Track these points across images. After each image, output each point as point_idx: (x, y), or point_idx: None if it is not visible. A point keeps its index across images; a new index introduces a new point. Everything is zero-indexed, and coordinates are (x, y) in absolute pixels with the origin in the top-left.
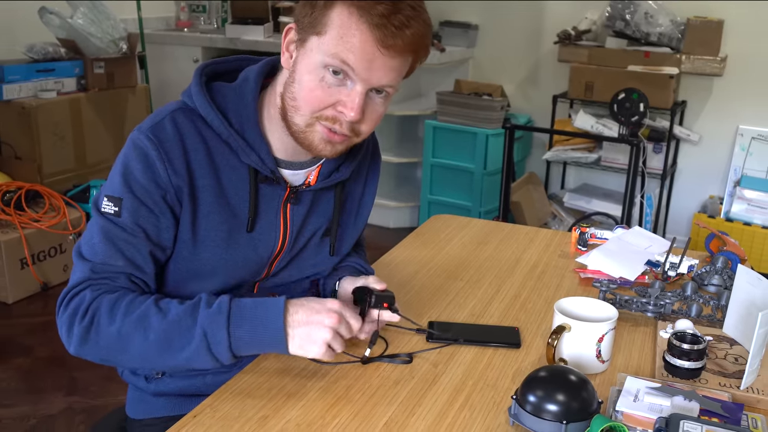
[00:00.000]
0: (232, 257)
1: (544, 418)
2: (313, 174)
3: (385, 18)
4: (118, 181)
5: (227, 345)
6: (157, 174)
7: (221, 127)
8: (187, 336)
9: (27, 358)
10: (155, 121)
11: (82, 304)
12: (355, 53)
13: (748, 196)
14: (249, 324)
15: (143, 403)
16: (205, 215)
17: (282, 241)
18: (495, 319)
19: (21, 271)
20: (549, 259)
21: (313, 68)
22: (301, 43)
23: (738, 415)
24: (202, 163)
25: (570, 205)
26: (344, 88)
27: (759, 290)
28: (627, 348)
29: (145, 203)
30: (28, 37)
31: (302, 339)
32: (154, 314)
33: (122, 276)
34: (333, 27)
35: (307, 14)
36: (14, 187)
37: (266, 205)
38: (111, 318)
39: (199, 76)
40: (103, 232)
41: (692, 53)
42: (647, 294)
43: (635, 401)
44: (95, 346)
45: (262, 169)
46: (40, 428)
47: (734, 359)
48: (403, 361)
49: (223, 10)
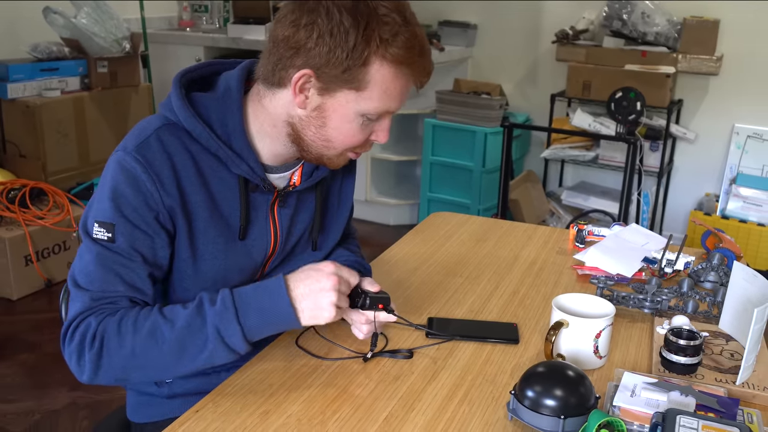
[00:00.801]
0: (231, 266)
1: (542, 413)
2: (297, 175)
3: (417, 54)
4: (108, 206)
5: (241, 336)
6: (148, 196)
7: (209, 141)
8: (201, 337)
9: (31, 354)
10: (140, 141)
11: (88, 332)
12: (397, 99)
13: (743, 194)
14: (256, 311)
15: (152, 407)
16: (202, 231)
17: (274, 244)
18: (494, 315)
19: (25, 268)
20: (547, 256)
21: (351, 118)
22: (327, 91)
23: (734, 410)
24: (192, 179)
25: (568, 202)
26: (378, 122)
27: (754, 287)
28: (624, 344)
29: (138, 226)
30: (32, 36)
31: (311, 309)
32: (163, 324)
33: (123, 299)
34: (375, 84)
35: (335, 68)
36: (19, 185)
37: (256, 212)
38: (120, 339)
39: (179, 87)
40: (99, 259)
41: (688, 52)
42: (644, 290)
43: (632, 396)
44: (109, 369)
45: (252, 178)
46: (44, 423)
47: (730, 355)
48: (404, 356)
49: (225, 9)
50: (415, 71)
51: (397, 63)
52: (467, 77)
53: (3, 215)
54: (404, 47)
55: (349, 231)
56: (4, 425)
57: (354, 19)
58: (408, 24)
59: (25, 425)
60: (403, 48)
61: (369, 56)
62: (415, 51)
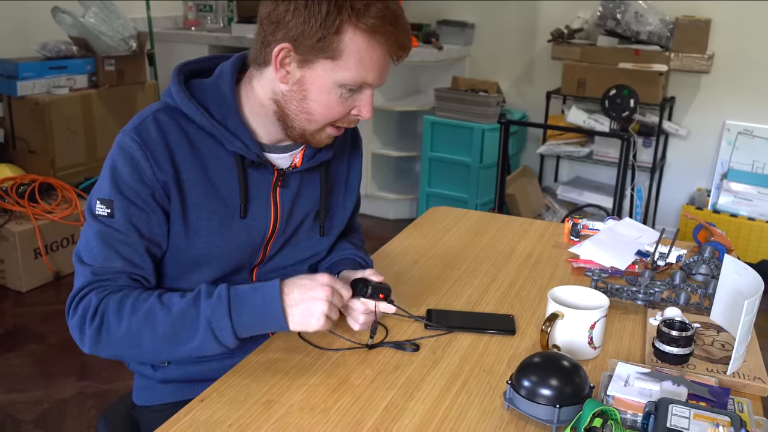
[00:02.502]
0: (227, 244)
1: (538, 402)
2: (298, 156)
3: (389, 23)
4: (107, 184)
5: (231, 331)
6: (143, 173)
7: (203, 120)
8: (193, 327)
9: (40, 344)
10: (138, 122)
11: (89, 307)
12: (374, 71)
13: (734, 189)
14: (248, 309)
15: (150, 391)
16: (195, 207)
17: (273, 225)
18: (491, 307)
19: (34, 260)
20: (543, 249)
21: (330, 89)
22: (305, 63)
23: (725, 399)
24: (187, 158)
25: (563, 197)
26: (358, 95)
27: (745, 279)
28: (618, 335)
29: (134, 202)
30: (41, 35)
31: (301, 315)
32: (159, 310)
33: (123, 276)
34: (349, 52)
35: (310, 37)
36: (28, 180)
37: (256, 191)
38: (119, 318)
39: (177, 75)
40: (99, 235)
41: (681, 51)
42: (637, 283)
43: (626, 386)
44: (108, 345)
45: (247, 155)
46: (53, 412)
47: (721, 345)
48: (411, 348)
49: (229, 9)
50: (389, 42)
51: (369, 32)
52: (465, 75)
53: (13, 209)
54: (376, 17)
55: (354, 225)
56: (14, 414)
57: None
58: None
59: (34, 414)
60: (375, 17)
61: (341, 24)
62: (387, 20)
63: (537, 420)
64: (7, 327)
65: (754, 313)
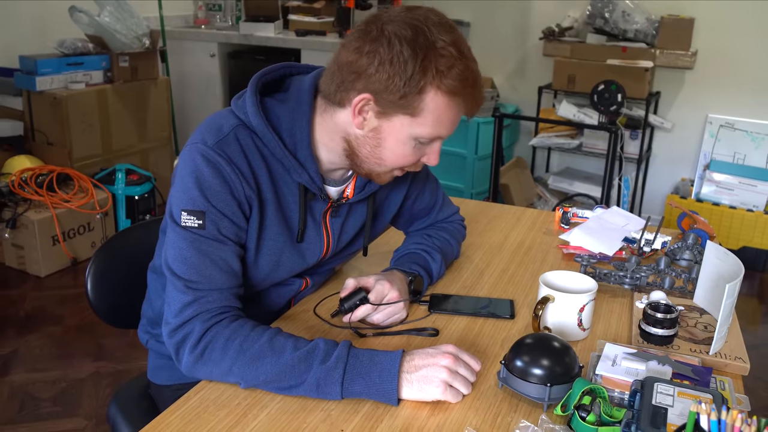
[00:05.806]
0: (282, 264)
1: (530, 381)
2: (350, 188)
3: (469, 86)
4: (196, 195)
5: (339, 394)
6: (233, 186)
7: (276, 148)
8: (299, 379)
9: (58, 326)
10: (219, 138)
11: (191, 334)
12: (449, 127)
13: (716, 179)
14: (363, 380)
15: (167, 370)
16: (269, 226)
17: (326, 249)
18: (486, 291)
19: (53, 247)
20: (535, 237)
21: (404, 140)
22: (384, 115)
23: (707, 378)
24: (264, 178)
25: (554, 187)
26: (429, 146)
27: (726, 264)
28: (606, 317)
29: (225, 214)
30: (59, 33)
31: (420, 381)
32: (270, 356)
33: (222, 293)
34: (428, 111)
35: (392, 94)
36: (46, 171)
37: (312, 218)
38: (223, 354)
39: (255, 93)
40: (193, 246)
41: (666, 48)
42: (624, 268)
43: (613, 366)
44: (203, 372)
45: (311, 187)
46: (70, 391)
47: (704, 327)
48: (430, 334)
49: (238, 8)
50: (467, 102)
51: (450, 93)
52: None
53: (32, 198)
54: (458, 79)
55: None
56: (33, 392)
57: (413, 50)
58: (463, 57)
59: (52, 392)
60: (457, 80)
61: (425, 85)
62: (469, 83)
63: (529, 398)
64: (27, 310)
65: (735, 297)
